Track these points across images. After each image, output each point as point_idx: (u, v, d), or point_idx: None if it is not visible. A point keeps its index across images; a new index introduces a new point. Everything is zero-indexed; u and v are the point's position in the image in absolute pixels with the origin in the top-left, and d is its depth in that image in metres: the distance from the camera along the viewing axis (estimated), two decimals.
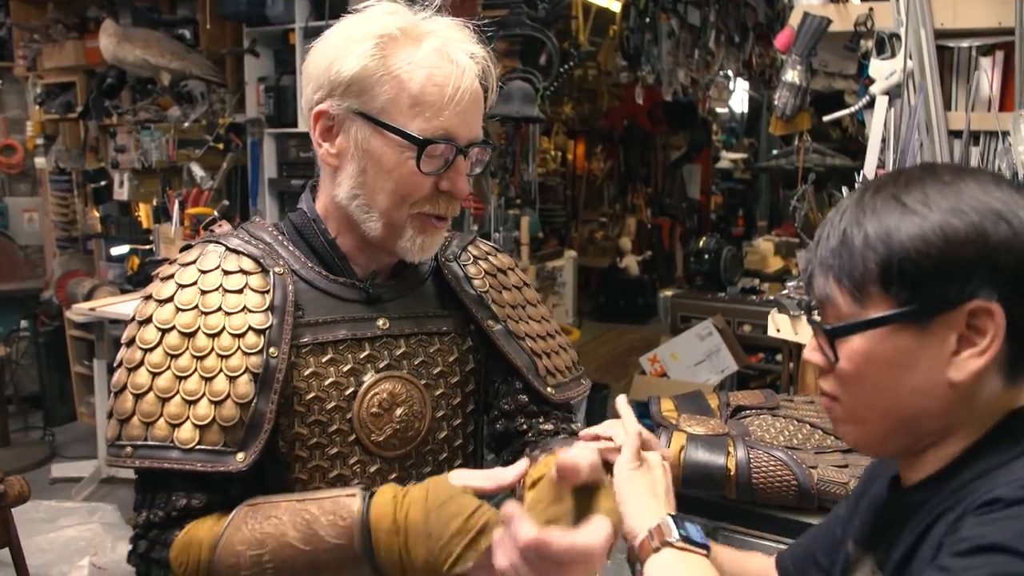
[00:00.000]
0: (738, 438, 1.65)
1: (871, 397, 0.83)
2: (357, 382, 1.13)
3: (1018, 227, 0.77)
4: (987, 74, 2.67)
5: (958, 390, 0.79)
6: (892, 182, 0.83)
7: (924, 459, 0.85)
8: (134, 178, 4.31)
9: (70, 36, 4.63)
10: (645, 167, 9.34)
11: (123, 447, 1.05)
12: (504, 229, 3.99)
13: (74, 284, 4.45)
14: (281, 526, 0.99)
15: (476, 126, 1.10)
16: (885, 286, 0.79)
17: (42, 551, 3.34)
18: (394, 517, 0.96)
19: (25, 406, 5.16)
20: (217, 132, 3.99)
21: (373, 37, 1.04)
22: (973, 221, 0.76)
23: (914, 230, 0.78)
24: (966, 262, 0.76)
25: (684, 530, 0.87)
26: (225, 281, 1.10)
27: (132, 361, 1.07)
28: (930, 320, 0.78)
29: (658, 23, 4.57)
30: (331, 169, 1.12)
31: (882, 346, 0.81)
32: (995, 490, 0.73)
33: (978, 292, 0.76)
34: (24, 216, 5.34)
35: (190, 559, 1.02)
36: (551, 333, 1.32)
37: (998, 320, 0.76)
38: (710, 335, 4.58)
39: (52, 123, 5.03)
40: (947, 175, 0.81)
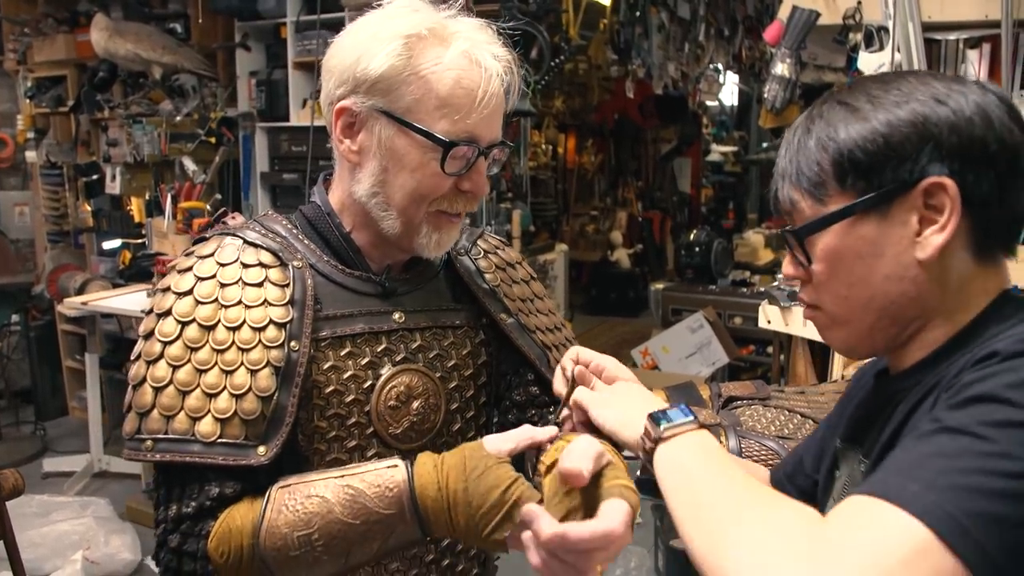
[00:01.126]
0: (730, 428, 1.66)
1: (848, 293, 0.86)
2: (375, 375, 1.14)
3: (955, 107, 0.80)
4: (974, 66, 2.69)
5: (928, 269, 0.82)
6: (836, 92, 0.87)
7: (910, 348, 0.87)
8: (126, 172, 4.30)
9: (61, 30, 4.61)
10: (636, 161, 9.35)
11: (143, 440, 1.04)
12: (496, 223, 4.00)
13: (65, 278, 4.44)
14: (326, 504, 1.00)
15: (498, 128, 1.11)
16: (841, 181, 0.83)
17: (35, 545, 3.34)
18: (438, 484, 0.98)
19: (16, 400, 5.15)
20: (209, 126, 3.98)
21: (401, 36, 1.04)
22: (914, 108, 0.81)
23: (860, 124, 0.82)
24: (912, 144, 0.80)
25: (666, 419, 0.87)
26: (244, 274, 1.10)
27: (151, 354, 1.06)
28: (889, 205, 0.81)
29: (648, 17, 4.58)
30: (350, 165, 1.12)
31: (848, 239, 0.84)
32: (992, 345, 0.75)
33: (928, 170, 0.79)
34: (15, 210, 5.32)
35: (232, 547, 1.01)
36: (558, 326, 1.34)
37: (952, 193, 0.79)
38: (701, 328, 4.60)
39: (43, 117, 5.01)
40: (889, 76, 0.86)
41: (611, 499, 0.87)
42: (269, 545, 1.00)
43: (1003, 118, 0.81)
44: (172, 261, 1.17)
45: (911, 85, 0.83)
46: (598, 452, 0.90)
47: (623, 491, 0.88)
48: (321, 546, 0.99)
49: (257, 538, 1.00)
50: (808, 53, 3.45)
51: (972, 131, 0.80)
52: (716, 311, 4.79)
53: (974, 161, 0.80)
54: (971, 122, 0.80)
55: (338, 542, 0.99)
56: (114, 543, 3.38)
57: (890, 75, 0.86)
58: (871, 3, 2.70)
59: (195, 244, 1.16)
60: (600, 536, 0.83)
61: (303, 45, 3.97)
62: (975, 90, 0.82)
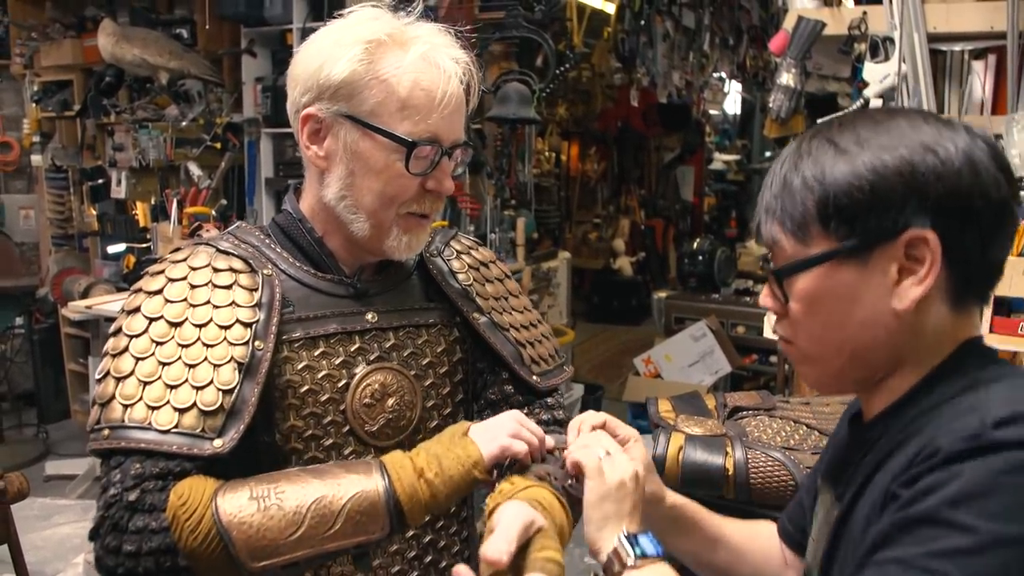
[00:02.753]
0: (736, 439, 1.66)
1: (822, 334, 0.86)
2: (349, 374, 1.16)
3: (944, 157, 0.79)
4: (980, 77, 2.70)
5: (903, 319, 0.81)
6: (827, 127, 0.86)
7: (879, 393, 0.88)
8: (131, 176, 4.31)
9: (68, 35, 4.63)
10: (638, 169, 9.37)
11: (101, 429, 1.03)
12: (500, 230, 4.01)
13: (70, 282, 4.45)
14: (292, 471, 1.04)
15: (459, 128, 1.15)
16: (824, 224, 0.82)
17: (37, 548, 3.35)
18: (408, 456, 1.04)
19: (19, 403, 5.16)
20: (214, 132, 3.99)
21: (361, 42, 1.07)
22: (902, 155, 0.79)
23: (847, 168, 0.81)
24: (897, 194, 0.79)
25: (639, 547, 0.89)
26: (215, 278, 1.12)
27: (117, 348, 1.07)
28: (870, 253, 0.81)
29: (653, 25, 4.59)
30: (318, 171, 1.15)
31: (827, 282, 0.83)
32: (937, 437, 0.74)
33: (912, 221, 0.79)
34: (20, 213, 5.33)
35: (191, 497, 0.98)
36: (533, 323, 1.36)
37: (933, 247, 0.78)
38: (704, 336, 4.60)
39: (49, 121, 5.02)
40: (879, 115, 0.84)
41: (532, 573, 0.88)
42: (229, 491, 0.99)
43: (991, 168, 0.80)
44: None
45: (901, 129, 0.81)
46: (525, 524, 0.91)
47: (544, 565, 0.89)
48: (280, 493, 0.98)
49: (218, 490, 0.99)
50: (813, 63, 3.46)
51: (959, 184, 0.79)
52: (719, 320, 4.79)
53: (959, 215, 0.79)
54: (959, 174, 0.79)
55: (298, 491, 0.99)
56: None
57: (881, 113, 0.85)
58: (876, 13, 2.71)
59: (169, 252, 1.18)
60: None
61: None
62: (964, 138, 0.81)
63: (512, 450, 1.05)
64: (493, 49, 3.80)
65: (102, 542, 0.99)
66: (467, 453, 1.04)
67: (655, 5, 4.64)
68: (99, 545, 0.99)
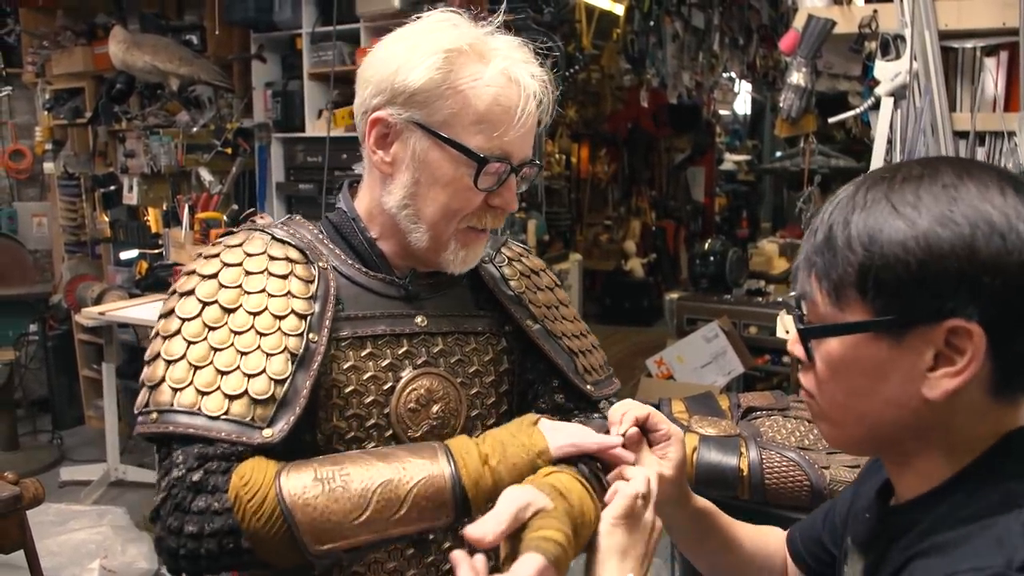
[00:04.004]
0: (750, 439, 1.66)
1: (844, 401, 0.80)
2: (395, 377, 1.14)
3: (1013, 244, 0.70)
4: (992, 74, 2.68)
5: (933, 407, 0.75)
6: (889, 177, 0.77)
7: (906, 473, 0.82)
8: (143, 183, 4.34)
9: (79, 42, 4.65)
10: (649, 170, 9.35)
11: (149, 412, 1.02)
12: (511, 232, 4.01)
13: (83, 288, 4.47)
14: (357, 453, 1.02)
15: (530, 146, 1.12)
16: (862, 292, 0.75)
17: (52, 554, 3.36)
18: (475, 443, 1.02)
19: (34, 410, 5.18)
20: (225, 137, 4.01)
21: (442, 50, 1.05)
22: (962, 233, 0.70)
23: (897, 236, 0.72)
24: (948, 277, 0.70)
25: None
26: (271, 266, 1.10)
27: (168, 331, 1.05)
28: (907, 332, 0.74)
29: (662, 26, 4.58)
30: (382, 176, 1.13)
31: (856, 352, 0.77)
32: (958, 572, 0.69)
33: (959, 310, 0.71)
34: (33, 221, 5.37)
35: (254, 478, 0.96)
36: (584, 332, 1.34)
37: (977, 342, 0.71)
38: (716, 337, 4.58)
39: (61, 128, 5.05)
40: (948, 175, 0.74)
41: (526, 552, 0.86)
42: (293, 472, 0.96)
43: None
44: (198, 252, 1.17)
45: (970, 197, 0.72)
46: (519, 506, 0.88)
47: (540, 543, 0.86)
48: (345, 475, 0.96)
49: (281, 471, 0.97)
50: (824, 62, 3.44)
51: (1021, 277, 0.70)
52: (731, 320, 4.77)
53: (1014, 311, 0.71)
54: (1023, 267, 0.70)
55: (364, 473, 0.96)
56: (131, 552, 3.39)
57: (954, 170, 0.75)
58: (887, 11, 2.70)
59: (223, 236, 1.17)
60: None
61: (319, 56, 3.98)
62: None
63: (583, 446, 1.01)
64: None
65: (164, 523, 0.96)
66: (532, 442, 1.01)
67: (664, 6, 4.63)
68: (161, 526, 0.97)
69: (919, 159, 0.77)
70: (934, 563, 0.73)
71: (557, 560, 0.86)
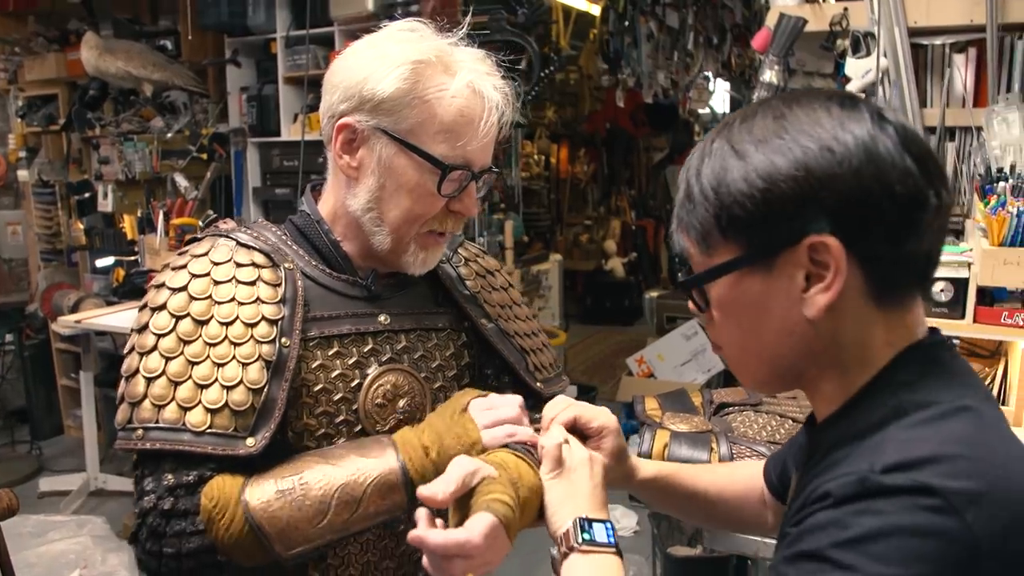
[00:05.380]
0: (721, 434, 1.67)
1: (742, 342, 0.84)
2: (362, 374, 1.18)
3: (842, 155, 0.74)
4: (960, 71, 2.71)
5: (818, 326, 0.78)
6: (730, 122, 0.81)
7: (816, 398, 0.86)
8: (118, 189, 4.30)
9: (51, 49, 4.61)
10: (628, 169, 9.37)
11: (134, 429, 1.05)
12: (488, 233, 4.01)
13: (59, 297, 4.43)
14: (313, 459, 1.09)
15: (490, 155, 1.18)
16: (723, 234, 0.79)
17: (31, 565, 3.33)
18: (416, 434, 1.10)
19: (12, 420, 5.12)
20: (200, 142, 3.99)
21: (410, 61, 1.09)
22: (795, 156, 0.74)
23: (739, 173, 0.77)
24: (792, 200, 0.74)
25: (589, 532, 0.91)
26: (238, 273, 1.13)
27: (144, 346, 1.09)
28: (773, 261, 0.77)
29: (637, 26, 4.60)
30: (346, 179, 1.16)
31: (735, 292, 0.81)
32: (828, 481, 0.73)
33: (810, 227, 0.74)
34: (8, 229, 5.31)
35: (222, 497, 1.03)
36: (535, 332, 1.39)
37: (836, 253, 0.74)
38: (696, 335, 4.61)
39: (34, 135, 5.00)
40: (778, 107, 0.79)
41: (477, 512, 0.92)
42: (255, 487, 1.04)
43: (898, 159, 0.74)
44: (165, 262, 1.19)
45: (799, 123, 0.76)
46: (469, 471, 0.95)
47: (491, 504, 0.93)
48: (304, 485, 1.04)
49: (244, 487, 1.04)
50: (796, 60, 3.47)
51: (858, 183, 0.74)
52: None
53: (860, 216, 0.74)
54: (857, 173, 0.73)
55: (322, 481, 1.04)
56: (111, 562, 3.36)
57: (784, 103, 0.79)
58: (857, 9, 2.73)
59: (188, 244, 1.20)
60: (453, 544, 0.89)
61: (293, 60, 3.98)
62: (867, 127, 0.75)
63: (517, 436, 1.08)
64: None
65: (143, 547, 1.04)
66: (466, 433, 1.09)
67: (639, 6, 4.65)
68: (141, 550, 1.05)
69: (759, 100, 0.80)
70: (821, 481, 0.76)
71: (507, 520, 0.93)
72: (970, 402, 0.75)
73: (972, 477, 0.68)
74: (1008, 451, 0.73)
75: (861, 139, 0.74)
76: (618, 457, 1.10)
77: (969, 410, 0.74)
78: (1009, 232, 1.99)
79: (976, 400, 0.76)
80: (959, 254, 2.11)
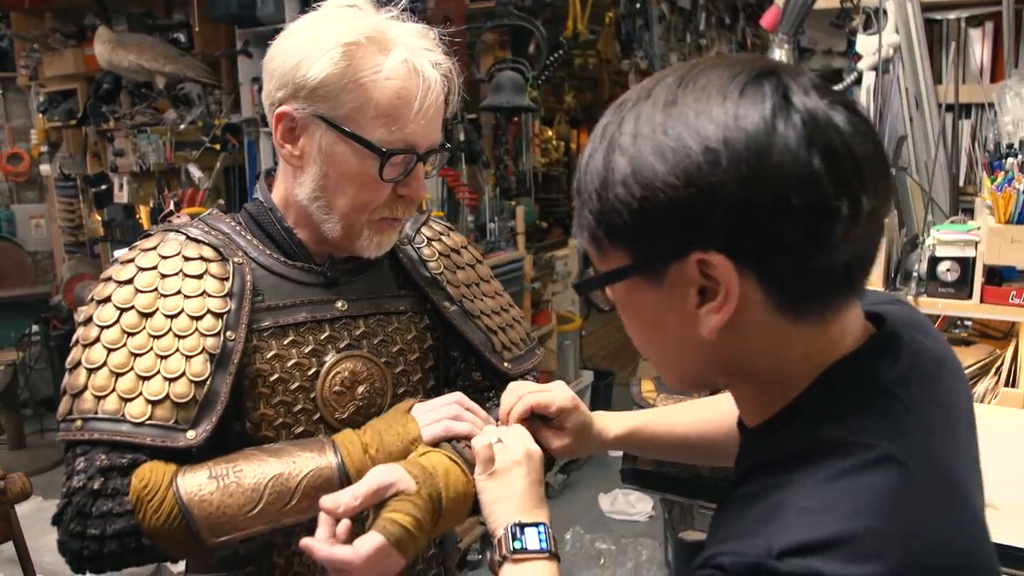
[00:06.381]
0: None
1: (647, 345, 0.75)
2: (319, 362, 1.17)
3: (728, 160, 0.61)
4: (977, 45, 2.65)
5: (723, 343, 0.67)
6: (620, 107, 0.69)
7: (740, 404, 0.77)
8: (133, 181, 4.36)
9: (69, 44, 4.67)
10: None
11: (73, 420, 1.04)
12: (499, 219, 4.01)
13: (81, 287, 4.51)
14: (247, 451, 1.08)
15: (436, 133, 1.14)
16: (608, 238, 0.68)
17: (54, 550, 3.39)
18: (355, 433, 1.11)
19: (40, 409, 5.25)
20: (213, 133, 4.02)
21: (340, 44, 1.04)
22: (675, 161, 0.62)
23: (619, 175, 0.65)
24: (672, 211, 0.62)
25: (520, 540, 0.91)
26: (185, 267, 1.12)
27: (88, 338, 1.08)
28: (662, 274, 0.66)
29: (649, 8, 4.55)
30: (292, 168, 1.14)
31: (631, 298, 0.71)
32: (725, 551, 0.63)
33: (696, 242, 0.63)
34: (31, 223, 5.41)
35: (152, 480, 1.01)
36: (504, 307, 1.36)
37: (724, 273, 0.63)
38: None
39: (55, 130, 5.08)
40: (675, 87, 0.66)
41: (371, 531, 0.93)
42: (189, 473, 1.02)
43: (799, 161, 0.61)
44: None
45: (686, 115, 0.63)
46: (381, 484, 0.96)
47: (386, 525, 0.94)
48: (238, 472, 1.02)
49: (178, 472, 1.03)
50: (808, 38, 3.42)
51: (747, 195, 0.61)
52: None
53: (753, 231, 0.62)
54: (746, 183, 0.60)
55: (256, 469, 1.03)
56: None
57: (679, 82, 0.66)
58: None
59: (139, 239, 1.19)
60: (337, 561, 0.91)
61: None
62: (766, 119, 0.61)
63: (454, 431, 1.08)
64: (486, 38, 3.79)
65: (66, 527, 1.02)
66: (407, 430, 1.09)
67: None
68: (63, 531, 1.02)
69: (652, 78, 0.70)
70: (724, 520, 0.71)
71: (399, 542, 0.93)
72: (897, 449, 0.64)
73: (883, 556, 0.58)
74: (934, 517, 0.62)
75: (754, 136, 0.61)
76: (583, 431, 1.10)
77: (893, 461, 0.63)
78: (1016, 209, 1.94)
79: (907, 443, 0.65)
80: (965, 232, 2.06)
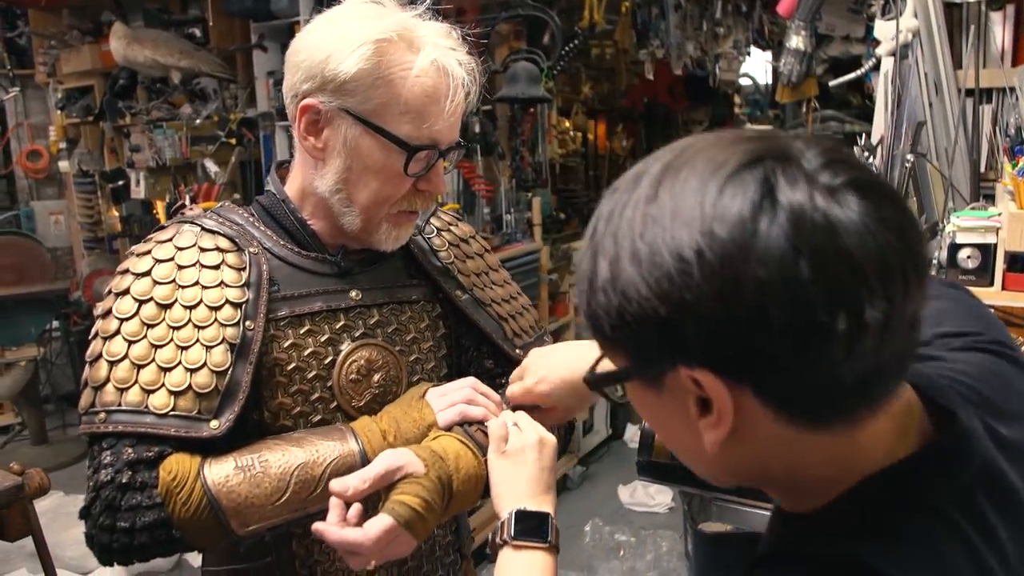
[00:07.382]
0: None
1: (666, 440, 0.69)
2: (335, 351, 1.18)
3: (701, 271, 0.54)
4: (998, 29, 2.60)
5: (729, 453, 0.61)
6: (617, 189, 0.63)
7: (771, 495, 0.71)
8: (149, 176, 4.38)
9: (86, 41, 4.71)
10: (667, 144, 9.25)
11: (96, 413, 1.05)
12: (516, 210, 3.99)
13: (100, 283, 4.55)
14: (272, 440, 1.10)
15: (457, 131, 1.16)
16: (603, 340, 0.64)
17: (78, 543, 3.40)
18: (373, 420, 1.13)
19: (62, 404, 5.29)
20: (229, 127, 4.03)
21: (371, 41, 1.06)
22: (646, 272, 0.56)
23: (599, 281, 0.60)
24: (649, 324, 0.57)
25: (523, 526, 0.92)
26: (202, 257, 1.13)
27: (107, 331, 1.09)
28: (660, 380, 0.61)
29: None
30: (313, 160, 1.15)
31: (639, 398, 0.66)
32: None
33: (679, 357, 0.57)
34: (51, 219, 5.46)
35: (180, 472, 1.03)
36: (513, 296, 1.38)
37: (714, 391, 0.57)
38: None
39: (74, 127, 5.12)
40: (658, 178, 0.59)
41: (381, 513, 0.97)
42: (215, 463, 1.04)
43: (782, 268, 0.53)
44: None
45: (663, 216, 0.56)
46: (389, 468, 1.01)
47: (395, 507, 0.98)
48: (264, 462, 1.05)
49: (204, 463, 1.05)
50: (825, 24, 3.37)
51: (724, 311, 0.54)
52: None
53: (736, 347, 0.55)
54: (721, 297, 0.54)
55: (281, 459, 1.05)
56: None
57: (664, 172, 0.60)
58: None
59: (154, 232, 1.19)
60: (348, 542, 0.95)
61: None
62: (745, 219, 0.54)
63: (468, 415, 1.11)
64: (500, 29, 3.77)
65: (95, 521, 1.03)
66: (422, 416, 1.12)
67: None
68: (92, 524, 1.04)
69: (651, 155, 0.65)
70: None
71: (408, 523, 0.97)
72: None
73: None
74: None
75: (730, 243, 0.53)
76: (571, 398, 1.12)
77: None
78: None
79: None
80: (986, 219, 2.03)
